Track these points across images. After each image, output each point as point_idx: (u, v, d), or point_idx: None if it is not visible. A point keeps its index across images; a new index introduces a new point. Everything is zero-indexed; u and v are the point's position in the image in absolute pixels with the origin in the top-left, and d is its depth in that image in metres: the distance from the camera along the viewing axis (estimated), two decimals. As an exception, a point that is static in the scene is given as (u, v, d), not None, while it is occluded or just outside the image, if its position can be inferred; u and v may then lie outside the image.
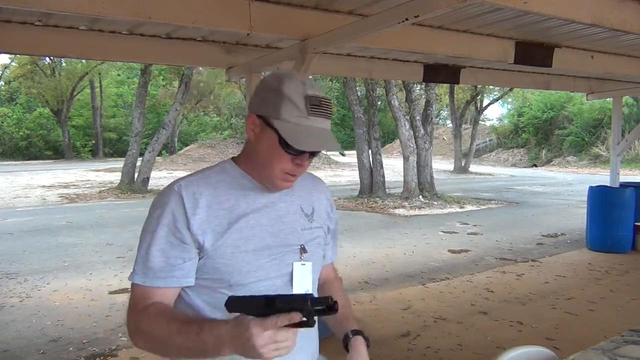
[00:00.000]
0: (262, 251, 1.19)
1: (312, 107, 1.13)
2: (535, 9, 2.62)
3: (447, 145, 36.46)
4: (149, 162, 16.06)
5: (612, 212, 6.97)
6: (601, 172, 23.66)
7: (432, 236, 8.69)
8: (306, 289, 1.25)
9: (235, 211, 1.18)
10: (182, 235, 1.13)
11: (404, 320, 4.38)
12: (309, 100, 1.12)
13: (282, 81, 1.14)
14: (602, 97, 8.43)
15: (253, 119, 1.17)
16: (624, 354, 1.64)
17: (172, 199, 1.15)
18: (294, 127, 1.12)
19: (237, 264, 1.16)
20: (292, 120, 1.12)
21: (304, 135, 1.12)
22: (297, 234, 1.25)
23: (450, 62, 5.28)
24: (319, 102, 1.14)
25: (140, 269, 1.15)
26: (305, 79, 1.17)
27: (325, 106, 1.15)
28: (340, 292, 1.45)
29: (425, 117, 14.83)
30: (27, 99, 36.61)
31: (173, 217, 1.14)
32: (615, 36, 4.11)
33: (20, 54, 23.35)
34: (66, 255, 7.05)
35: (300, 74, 3.37)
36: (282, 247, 1.22)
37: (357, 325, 1.39)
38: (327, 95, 1.17)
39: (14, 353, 3.78)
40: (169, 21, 3.01)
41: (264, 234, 1.20)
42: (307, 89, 1.13)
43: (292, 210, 1.27)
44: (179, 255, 1.14)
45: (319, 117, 1.14)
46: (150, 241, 1.15)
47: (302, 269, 1.25)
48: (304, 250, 1.25)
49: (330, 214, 1.40)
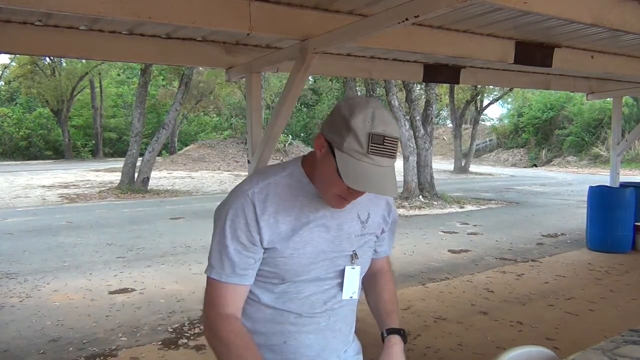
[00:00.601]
0: (318, 255, 1.27)
1: (374, 145, 1.13)
2: (535, 9, 2.62)
3: (447, 145, 36.47)
4: (149, 162, 16.06)
5: (612, 212, 6.97)
6: (601, 172, 23.66)
7: (432, 236, 8.70)
8: (353, 291, 1.34)
9: (300, 219, 1.25)
10: (253, 239, 1.22)
11: (404, 320, 4.38)
12: (372, 139, 1.12)
13: (353, 113, 1.14)
14: (602, 97, 8.43)
15: (321, 140, 1.20)
16: (624, 354, 1.64)
17: (245, 203, 1.23)
18: (351, 163, 1.14)
19: (294, 264, 1.25)
20: (352, 155, 1.13)
21: (359, 173, 1.13)
22: (351, 240, 1.32)
23: (450, 62, 5.28)
24: (383, 140, 1.13)
25: (217, 264, 1.24)
26: (379, 113, 1.15)
27: (389, 146, 1.14)
28: (388, 286, 1.52)
29: (425, 117, 14.83)
30: (27, 99, 36.60)
31: (246, 221, 1.22)
32: (615, 36, 4.11)
33: (20, 54, 23.35)
34: (66, 255, 7.05)
35: (302, 75, 3.38)
36: (336, 252, 1.30)
37: (397, 322, 1.44)
38: (394, 135, 1.15)
39: (14, 353, 3.78)
40: (169, 21, 3.01)
41: (322, 240, 1.27)
42: (375, 126, 1.13)
43: (349, 218, 1.32)
44: (251, 255, 1.23)
45: (380, 157, 1.13)
46: (227, 240, 1.22)
47: (352, 272, 1.33)
48: (356, 255, 1.33)
49: (387, 218, 1.44)
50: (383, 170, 1.15)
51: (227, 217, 1.23)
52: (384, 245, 1.50)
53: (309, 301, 1.29)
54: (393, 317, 1.45)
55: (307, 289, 1.29)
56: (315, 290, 1.30)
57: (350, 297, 1.34)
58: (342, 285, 1.32)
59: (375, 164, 1.13)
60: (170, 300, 5.00)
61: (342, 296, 1.33)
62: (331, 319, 1.33)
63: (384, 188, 1.15)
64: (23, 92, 35.51)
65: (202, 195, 15.54)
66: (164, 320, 4.47)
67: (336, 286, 1.32)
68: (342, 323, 1.37)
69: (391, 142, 1.15)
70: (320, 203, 1.27)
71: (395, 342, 1.39)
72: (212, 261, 1.25)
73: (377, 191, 1.16)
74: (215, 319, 1.24)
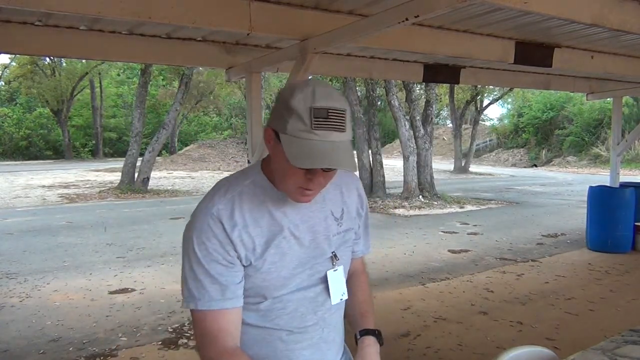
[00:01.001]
0: (297, 263, 1.20)
1: (317, 119, 1.04)
2: (535, 9, 2.62)
3: (447, 145, 36.47)
4: (149, 162, 16.07)
5: (612, 212, 6.97)
6: (601, 172, 23.66)
7: (432, 236, 8.69)
8: (342, 293, 1.28)
9: (271, 228, 1.17)
10: (231, 257, 1.14)
11: (404, 320, 4.38)
12: (315, 113, 1.04)
13: (293, 93, 1.07)
14: (602, 97, 8.43)
15: (269, 132, 1.13)
16: (624, 354, 1.64)
17: (211, 223, 1.13)
18: (297, 143, 1.05)
19: (273, 278, 1.17)
20: (297, 134, 1.05)
21: (306, 151, 1.04)
22: (328, 241, 1.25)
23: (450, 62, 5.28)
24: (327, 113, 1.05)
25: (201, 293, 1.13)
26: (320, 89, 1.08)
27: (334, 118, 1.05)
28: (363, 287, 1.45)
29: (425, 117, 14.82)
30: (27, 99, 36.60)
31: (219, 241, 1.13)
32: (615, 36, 4.11)
33: (20, 54, 23.35)
34: (66, 255, 7.05)
35: (302, 75, 3.38)
36: (315, 257, 1.23)
37: (373, 324, 1.38)
38: (339, 107, 1.07)
39: (14, 353, 3.78)
40: (169, 21, 3.01)
41: (298, 247, 1.20)
42: (316, 100, 1.05)
43: (323, 217, 1.25)
44: (236, 274, 1.15)
45: (326, 131, 1.05)
46: (205, 265, 1.13)
47: (335, 275, 1.26)
48: (336, 257, 1.26)
49: (360, 211, 1.36)
50: (332, 145, 1.05)
51: (196, 241, 1.13)
52: (359, 244, 1.42)
53: (297, 314, 1.22)
54: (368, 318, 1.39)
55: (293, 302, 1.21)
56: (301, 301, 1.22)
57: (340, 299, 1.28)
58: (329, 291, 1.25)
59: (323, 139, 1.04)
60: (170, 300, 4.99)
61: (331, 301, 1.26)
62: (325, 330, 1.27)
63: (336, 161, 1.05)
64: (23, 92, 35.52)
65: (202, 195, 15.35)
66: (164, 320, 4.47)
67: (323, 292, 1.25)
68: (335, 333, 1.32)
69: (337, 114, 1.06)
70: (289, 206, 1.19)
71: (369, 343, 1.32)
72: (194, 292, 1.13)
73: (327, 164, 1.04)
74: (220, 358, 1.12)
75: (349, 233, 1.31)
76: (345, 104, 1.09)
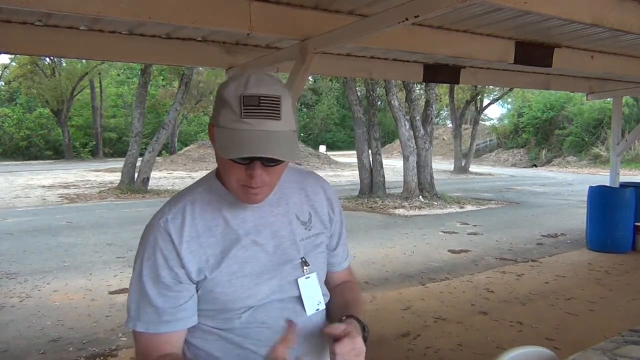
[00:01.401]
0: (261, 272, 1.10)
1: (248, 107, 0.98)
2: (535, 9, 2.62)
3: (447, 145, 36.47)
4: (149, 162, 16.06)
5: (612, 212, 6.97)
6: (601, 172, 23.66)
7: (432, 236, 8.69)
8: (318, 302, 1.17)
9: (227, 236, 1.10)
10: (177, 275, 1.06)
11: (404, 320, 4.38)
12: (245, 101, 0.98)
13: (226, 84, 1.03)
14: (602, 97, 8.44)
15: (210, 130, 1.07)
16: (624, 354, 1.64)
17: (159, 236, 1.08)
18: (227, 133, 0.99)
19: (235, 291, 1.08)
20: (227, 125, 0.99)
21: (235, 141, 0.98)
22: (295, 246, 1.15)
23: (450, 62, 5.28)
24: (258, 101, 0.98)
25: (139, 315, 1.07)
26: (254, 76, 1.01)
27: (267, 105, 0.98)
28: (351, 291, 1.33)
29: (425, 117, 14.82)
30: (27, 99, 36.60)
31: (164, 255, 1.06)
32: (615, 36, 4.11)
33: (20, 54, 23.35)
34: (66, 255, 7.05)
35: (302, 75, 3.38)
36: (282, 264, 1.13)
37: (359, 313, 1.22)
38: (273, 93, 1.00)
39: (14, 353, 3.78)
40: (169, 21, 3.01)
41: (261, 254, 1.11)
42: (248, 88, 0.99)
43: (287, 221, 1.16)
44: (180, 295, 1.07)
45: (257, 119, 0.98)
46: (146, 284, 1.07)
47: (307, 283, 1.15)
48: (306, 263, 1.15)
49: (332, 215, 1.25)
50: (265, 134, 0.98)
51: (142, 257, 1.08)
52: (337, 255, 1.29)
53: (279, 328, 1.10)
54: (354, 309, 1.22)
55: (269, 315, 1.11)
56: (277, 314, 1.11)
57: (316, 309, 1.16)
58: (302, 301, 1.14)
59: (254, 127, 0.97)
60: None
61: (306, 312, 1.14)
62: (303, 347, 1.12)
63: (266, 150, 0.97)
64: (23, 92, 35.53)
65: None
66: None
67: (296, 302, 1.14)
68: (320, 347, 1.17)
69: (270, 101, 0.98)
70: (249, 211, 1.12)
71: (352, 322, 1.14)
72: (131, 312, 1.08)
73: (255, 153, 0.97)
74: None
75: (321, 237, 1.21)
76: (281, 91, 1.01)
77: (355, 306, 1.24)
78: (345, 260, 1.33)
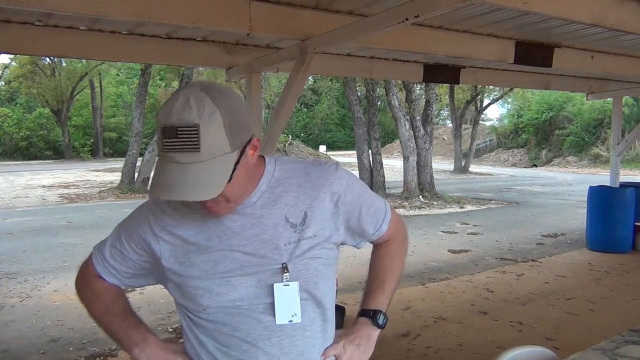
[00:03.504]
0: (234, 272, 1.07)
1: (167, 140, 0.94)
2: (535, 9, 2.62)
3: (447, 145, 36.47)
4: (149, 162, 16.06)
5: (612, 212, 6.97)
6: (601, 172, 23.65)
7: (432, 236, 8.69)
8: (292, 313, 1.09)
9: (204, 234, 1.09)
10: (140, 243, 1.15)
11: (404, 320, 4.38)
12: (165, 133, 0.94)
13: (161, 107, 0.98)
14: (602, 97, 8.43)
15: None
16: (624, 354, 1.64)
17: (143, 211, 1.17)
18: (157, 165, 0.99)
19: (206, 286, 1.07)
20: (159, 156, 0.98)
21: (159, 176, 0.97)
22: (278, 251, 1.08)
23: (450, 62, 5.27)
24: (175, 132, 0.93)
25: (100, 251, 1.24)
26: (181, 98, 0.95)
27: (184, 137, 0.93)
28: (379, 260, 1.31)
29: (425, 117, 14.83)
30: (27, 99, 36.58)
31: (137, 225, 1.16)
32: (615, 36, 4.11)
33: (20, 54, 23.31)
34: (66, 255, 7.05)
35: (302, 75, 3.38)
36: (258, 266, 1.08)
37: (379, 301, 1.26)
38: (189, 122, 0.93)
39: (14, 353, 3.78)
40: (169, 21, 3.01)
41: (236, 254, 1.07)
42: (169, 117, 0.94)
43: (271, 224, 1.09)
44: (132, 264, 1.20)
45: (175, 153, 0.94)
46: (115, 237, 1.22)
47: (284, 290, 1.08)
48: (286, 269, 1.07)
49: (338, 207, 1.14)
50: (182, 168, 0.94)
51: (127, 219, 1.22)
52: (369, 225, 1.23)
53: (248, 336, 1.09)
54: (373, 297, 1.26)
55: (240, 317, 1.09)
56: (249, 317, 1.09)
57: (289, 320, 1.09)
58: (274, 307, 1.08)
59: (174, 161, 0.95)
60: (170, 300, 4.94)
61: (275, 320, 1.08)
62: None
63: (180, 190, 0.94)
64: (23, 92, 35.50)
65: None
66: (164, 320, 4.47)
67: (268, 308, 1.09)
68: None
69: (187, 131, 0.92)
70: (231, 213, 1.10)
71: (359, 322, 1.24)
72: (102, 244, 1.26)
73: (162, 195, 0.96)
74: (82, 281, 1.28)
75: (313, 241, 1.11)
76: (197, 118, 0.93)
77: (375, 293, 1.27)
78: (378, 227, 1.25)
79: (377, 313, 1.25)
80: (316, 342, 1.15)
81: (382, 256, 1.31)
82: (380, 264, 1.31)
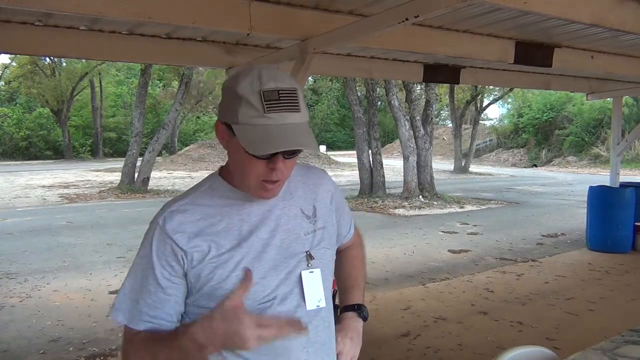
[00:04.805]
0: (268, 267, 1.10)
1: (269, 102, 0.99)
2: (535, 9, 2.62)
3: (447, 145, 36.46)
4: (149, 162, 16.07)
5: (612, 212, 6.97)
6: (601, 172, 23.65)
7: (432, 236, 8.69)
8: (319, 299, 1.14)
9: (231, 232, 1.09)
10: (171, 271, 1.06)
11: (404, 320, 4.38)
12: (265, 96, 0.99)
13: (238, 80, 1.02)
14: (602, 97, 8.43)
15: (220, 127, 1.07)
16: (624, 354, 1.64)
17: (156, 235, 1.08)
18: (252, 130, 0.99)
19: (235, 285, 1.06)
20: (250, 122, 0.99)
21: (262, 136, 0.99)
22: (300, 240, 1.15)
23: (450, 62, 5.28)
24: (278, 95, 1.00)
25: (125, 307, 1.10)
26: (265, 71, 1.02)
27: (287, 98, 1.00)
28: (350, 261, 1.39)
29: (425, 117, 14.83)
30: (27, 99, 36.60)
31: (159, 255, 1.07)
32: (615, 36, 4.11)
33: (20, 54, 23.36)
34: (66, 255, 7.05)
35: (302, 75, 3.38)
36: (287, 258, 1.12)
37: (357, 298, 1.33)
38: (292, 86, 1.02)
39: (14, 353, 3.78)
40: (169, 21, 3.01)
41: (267, 248, 1.10)
42: (264, 83, 1.00)
43: (292, 215, 1.16)
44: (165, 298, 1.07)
45: (280, 112, 0.99)
46: (136, 282, 1.09)
47: (311, 277, 1.13)
48: (311, 256, 1.14)
49: (330, 205, 1.26)
50: (289, 127, 1.00)
51: (139, 254, 1.10)
52: (342, 226, 1.33)
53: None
54: (351, 293, 1.34)
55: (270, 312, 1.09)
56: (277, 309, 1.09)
57: (317, 305, 1.14)
58: (303, 294, 1.12)
59: (278, 121, 0.99)
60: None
61: (306, 306, 1.12)
62: (309, 351, 1.13)
63: (296, 142, 0.99)
64: (23, 92, 35.52)
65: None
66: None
67: (298, 295, 1.12)
68: (324, 354, 1.17)
69: (289, 94, 1.00)
70: (252, 208, 1.12)
71: (347, 316, 1.30)
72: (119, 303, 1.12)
73: (288, 146, 0.99)
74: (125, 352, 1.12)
75: (324, 232, 1.20)
76: (294, 83, 1.04)
77: (353, 290, 1.34)
78: (349, 230, 1.38)
79: (360, 307, 1.33)
80: (333, 333, 1.22)
81: (351, 258, 1.41)
82: (350, 265, 1.40)
